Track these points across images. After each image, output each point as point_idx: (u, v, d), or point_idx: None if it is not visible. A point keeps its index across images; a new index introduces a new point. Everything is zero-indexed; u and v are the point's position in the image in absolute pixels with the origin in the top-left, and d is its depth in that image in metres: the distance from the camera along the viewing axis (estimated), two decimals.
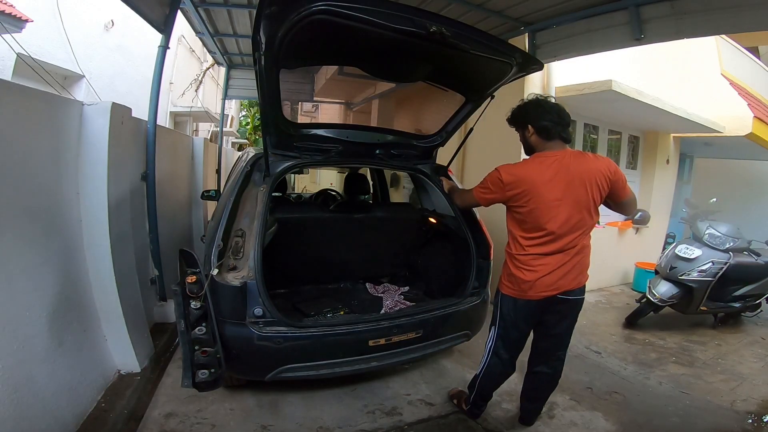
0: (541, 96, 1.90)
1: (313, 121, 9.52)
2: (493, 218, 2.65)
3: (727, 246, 3.49)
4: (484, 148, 4.17)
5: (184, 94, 8.38)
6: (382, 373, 2.50)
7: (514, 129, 1.96)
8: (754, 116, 4.93)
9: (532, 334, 1.98)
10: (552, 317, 1.87)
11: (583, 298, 1.88)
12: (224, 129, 7.38)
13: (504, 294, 1.90)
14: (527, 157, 1.91)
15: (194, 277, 1.71)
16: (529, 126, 1.83)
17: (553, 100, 1.93)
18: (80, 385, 1.90)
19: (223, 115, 7.08)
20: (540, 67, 2.22)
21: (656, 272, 3.69)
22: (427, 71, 2.31)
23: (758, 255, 3.66)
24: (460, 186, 2.67)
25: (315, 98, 7.65)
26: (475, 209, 2.62)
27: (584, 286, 1.87)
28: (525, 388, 2.10)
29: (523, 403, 2.13)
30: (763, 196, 7.47)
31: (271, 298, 1.91)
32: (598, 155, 1.93)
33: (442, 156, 2.89)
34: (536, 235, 1.77)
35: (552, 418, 2.19)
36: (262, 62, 1.69)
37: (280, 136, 2.25)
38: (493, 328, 1.98)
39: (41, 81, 4.47)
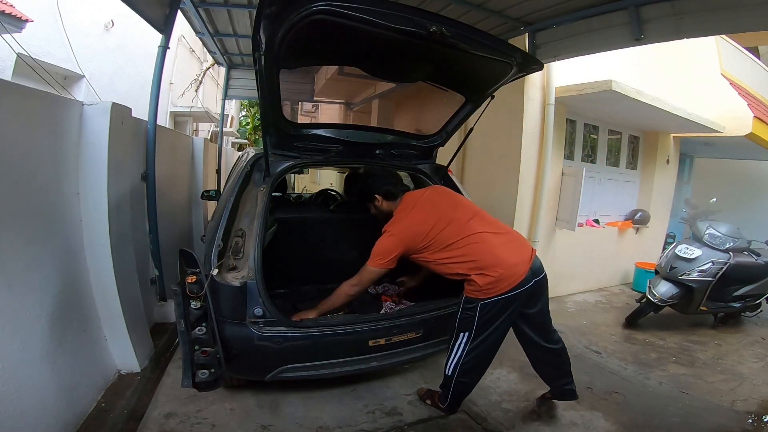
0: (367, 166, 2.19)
1: (313, 121, 9.52)
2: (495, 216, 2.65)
3: (727, 246, 3.49)
4: (484, 148, 4.17)
5: (184, 94, 8.37)
6: (382, 373, 2.50)
7: (370, 207, 2.21)
8: (754, 116, 4.92)
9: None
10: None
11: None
12: (224, 129, 7.38)
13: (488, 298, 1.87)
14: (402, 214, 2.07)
15: (194, 277, 1.71)
16: (376, 195, 2.11)
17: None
18: (80, 384, 1.90)
19: (223, 115, 7.07)
20: (540, 67, 2.22)
21: (656, 272, 3.69)
22: (427, 71, 2.31)
23: (758, 255, 3.67)
24: (459, 184, 2.69)
25: (315, 98, 7.64)
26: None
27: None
28: (545, 371, 2.15)
29: (554, 384, 2.16)
30: (763, 196, 7.47)
31: (271, 298, 1.91)
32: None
33: (442, 156, 2.89)
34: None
35: (552, 418, 2.18)
36: (262, 62, 1.69)
37: (280, 136, 2.25)
38: (465, 334, 1.94)
39: (41, 81, 4.47)
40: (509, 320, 1.93)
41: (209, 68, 8.91)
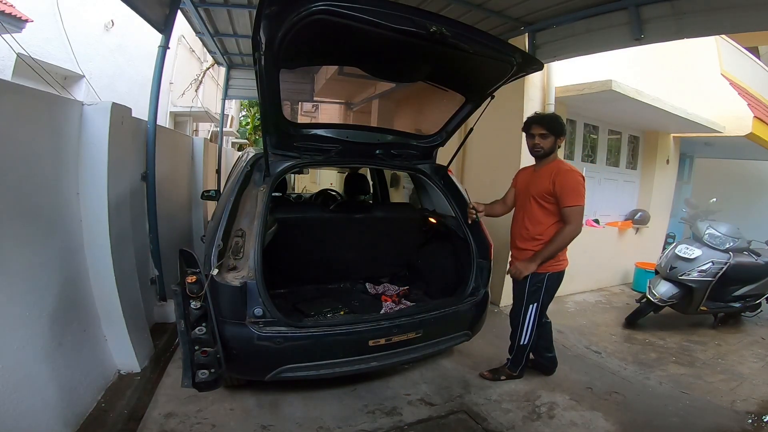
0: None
1: (313, 121, 9.52)
2: (493, 219, 2.65)
3: (727, 246, 3.49)
4: (484, 148, 4.17)
5: (184, 94, 8.37)
6: (382, 373, 2.50)
7: (543, 130, 2.28)
8: (754, 116, 4.92)
9: None
10: None
11: None
12: (224, 129, 7.38)
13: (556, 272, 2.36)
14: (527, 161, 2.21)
15: (194, 277, 1.71)
16: (562, 137, 2.32)
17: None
18: (80, 384, 1.90)
19: (223, 115, 7.08)
20: (540, 67, 2.23)
21: (656, 272, 3.69)
22: (427, 71, 2.31)
23: (758, 255, 3.67)
24: (459, 184, 2.69)
25: (315, 98, 7.65)
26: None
27: None
28: (542, 341, 2.54)
29: (541, 353, 2.59)
30: (763, 196, 7.47)
31: (271, 298, 1.91)
32: None
33: (442, 156, 2.89)
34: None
35: (552, 418, 2.19)
36: (262, 62, 1.68)
37: (280, 136, 2.25)
38: (535, 305, 2.35)
39: (41, 81, 4.47)
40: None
41: (209, 68, 8.91)
